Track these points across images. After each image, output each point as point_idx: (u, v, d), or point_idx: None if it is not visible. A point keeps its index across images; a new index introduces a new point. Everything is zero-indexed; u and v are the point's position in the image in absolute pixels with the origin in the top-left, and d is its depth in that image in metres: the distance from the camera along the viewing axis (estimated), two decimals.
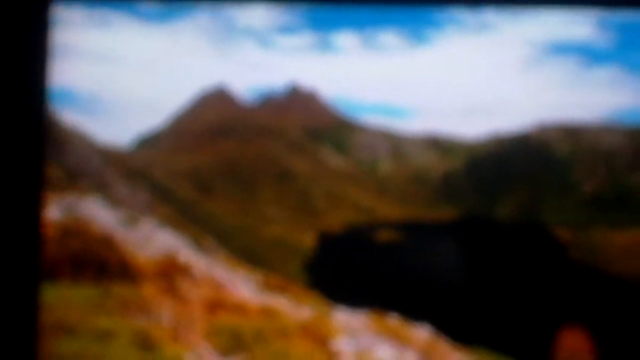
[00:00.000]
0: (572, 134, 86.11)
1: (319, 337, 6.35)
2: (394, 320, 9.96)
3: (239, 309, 7.23)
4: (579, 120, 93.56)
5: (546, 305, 35.00)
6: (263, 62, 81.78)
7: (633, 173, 75.83)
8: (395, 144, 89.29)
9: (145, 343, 5.55)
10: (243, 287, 9.92)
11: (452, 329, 15.83)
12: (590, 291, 40.92)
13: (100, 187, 36.02)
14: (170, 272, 8.85)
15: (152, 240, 12.06)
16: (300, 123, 73.84)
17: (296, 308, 8.19)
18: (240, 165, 65.70)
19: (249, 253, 38.88)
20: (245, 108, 75.92)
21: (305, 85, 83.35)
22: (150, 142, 65.60)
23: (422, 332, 9.93)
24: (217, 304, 7.29)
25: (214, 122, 71.50)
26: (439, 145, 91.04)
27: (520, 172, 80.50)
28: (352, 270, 37.08)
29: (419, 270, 41.42)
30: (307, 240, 48.48)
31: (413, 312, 13.18)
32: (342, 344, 6.48)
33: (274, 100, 77.15)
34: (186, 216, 43.01)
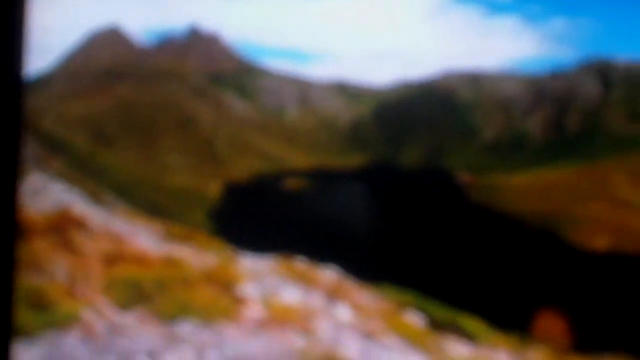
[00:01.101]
0: (475, 81, 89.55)
1: (224, 284, 6.31)
2: (300, 264, 10.08)
3: (140, 260, 7.06)
4: (481, 68, 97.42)
5: (448, 243, 36.74)
6: (160, 3, 79.03)
7: (529, 119, 79.94)
8: (303, 90, 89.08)
9: (39, 301, 5.33)
10: (144, 238, 9.72)
11: (361, 270, 16.36)
12: (487, 229, 43.31)
13: None
14: (64, 226, 8.49)
15: (43, 194, 11.55)
16: (202, 67, 71.85)
17: (200, 256, 8.11)
18: (138, 111, 63.07)
19: (152, 205, 38.02)
20: (143, 50, 72.84)
21: (206, 27, 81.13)
22: (38, 87, 61.91)
23: (329, 274, 10.11)
24: (116, 257, 7.09)
25: (108, 64, 67.97)
26: (346, 91, 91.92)
27: (425, 119, 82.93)
28: (260, 218, 37.25)
29: (328, 217, 42.12)
30: (213, 189, 47.81)
31: (322, 256, 13.45)
32: (248, 289, 6.49)
33: (173, 43, 74.49)
34: (82, 169, 41.23)
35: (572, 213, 45.22)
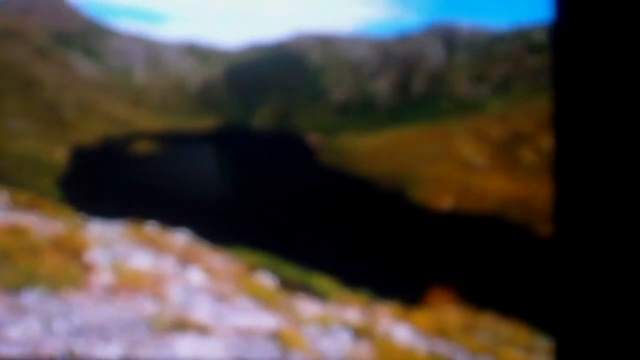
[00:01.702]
0: (324, 44, 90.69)
1: (71, 251, 6.22)
2: (151, 229, 10.01)
3: None
4: (330, 31, 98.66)
5: (299, 205, 37.54)
6: None
7: (377, 81, 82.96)
8: (151, 50, 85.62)
9: None
10: None
11: (214, 233, 16.45)
12: (336, 190, 44.70)
13: None
14: None
15: None
16: (46, 26, 66.81)
17: (47, 224, 7.84)
18: None
19: None
20: None
21: None
22: None
23: (180, 238, 10.14)
24: None
25: None
26: (196, 52, 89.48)
27: (276, 80, 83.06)
28: (109, 183, 35.76)
29: (179, 181, 41.27)
30: (59, 154, 45.03)
31: (173, 221, 13.34)
32: (96, 256, 6.43)
33: (12, 1, 68.44)
34: None
35: (417, 173, 47.17)
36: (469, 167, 50.66)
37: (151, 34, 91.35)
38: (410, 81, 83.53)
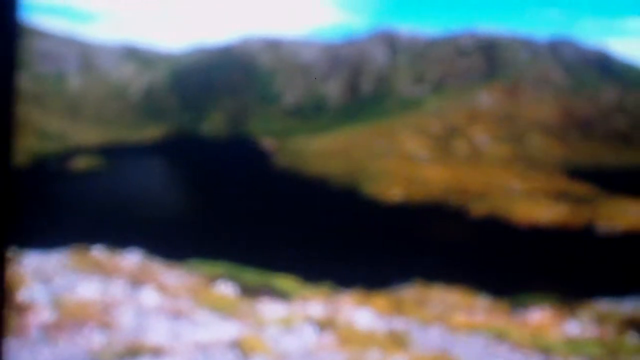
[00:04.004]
0: (274, 47, 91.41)
1: None
2: (97, 253, 9.49)
3: None
4: (279, 34, 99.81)
5: (256, 210, 36.99)
6: None
7: (326, 83, 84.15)
8: (85, 53, 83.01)
9: None
10: None
11: (169, 249, 15.91)
12: (293, 192, 44.37)
13: None
14: None
15: None
16: None
17: None
18: None
19: None
20: None
21: None
22: None
23: (130, 259, 9.72)
24: None
25: None
26: (137, 56, 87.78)
27: (225, 85, 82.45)
28: (45, 208, 34.30)
29: (125, 198, 39.83)
30: None
31: (122, 242, 12.76)
32: (33, 292, 5.85)
33: None
34: None
35: (368, 169, 48.64)
36: (412, 159, 52.96)
37: (83, 36, 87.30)
38: (359, 83, 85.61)
